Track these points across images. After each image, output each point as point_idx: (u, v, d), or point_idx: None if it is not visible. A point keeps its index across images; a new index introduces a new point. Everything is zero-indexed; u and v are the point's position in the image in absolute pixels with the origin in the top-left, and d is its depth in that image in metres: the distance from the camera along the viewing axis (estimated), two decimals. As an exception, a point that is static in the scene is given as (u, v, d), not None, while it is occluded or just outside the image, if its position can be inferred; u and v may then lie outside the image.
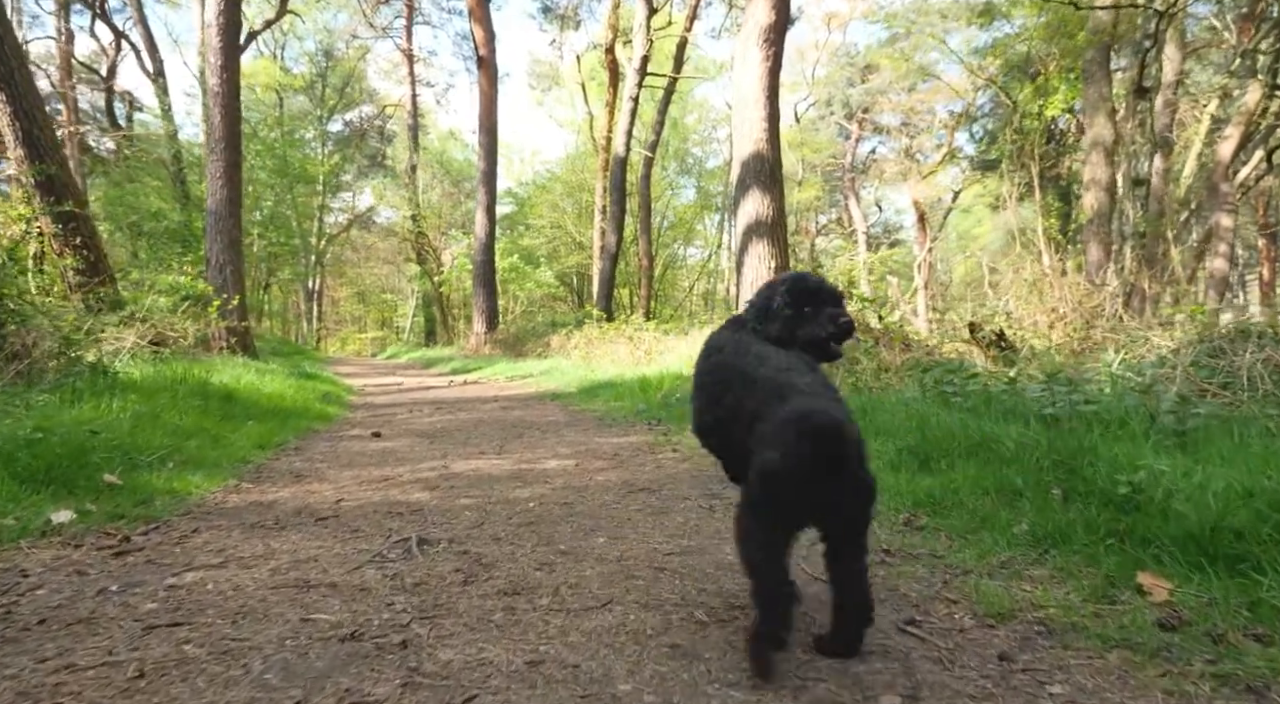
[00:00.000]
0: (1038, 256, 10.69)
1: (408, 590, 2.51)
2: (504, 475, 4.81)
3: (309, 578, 2.64)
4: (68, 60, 29.83)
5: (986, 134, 31.24)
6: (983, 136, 32.26)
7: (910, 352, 8.56)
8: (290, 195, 33.81)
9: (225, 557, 2.92)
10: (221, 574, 2.69)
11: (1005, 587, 2.53)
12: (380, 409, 9.12)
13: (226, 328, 14.50)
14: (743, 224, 13.68)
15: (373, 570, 2.73)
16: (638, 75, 24.53)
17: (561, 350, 17.09)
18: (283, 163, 32.63)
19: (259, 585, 2.57)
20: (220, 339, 14.43)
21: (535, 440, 6.41)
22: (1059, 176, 29.58)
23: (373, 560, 2.86)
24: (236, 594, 2.48)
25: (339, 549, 3.03)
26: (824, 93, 39.86)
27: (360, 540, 3.17)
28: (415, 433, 6.92)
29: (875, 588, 2.42)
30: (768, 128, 13.75)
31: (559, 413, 8.54)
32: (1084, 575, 2.59)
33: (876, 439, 4.76)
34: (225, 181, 14.98)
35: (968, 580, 2.61)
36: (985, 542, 3.02)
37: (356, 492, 4.30)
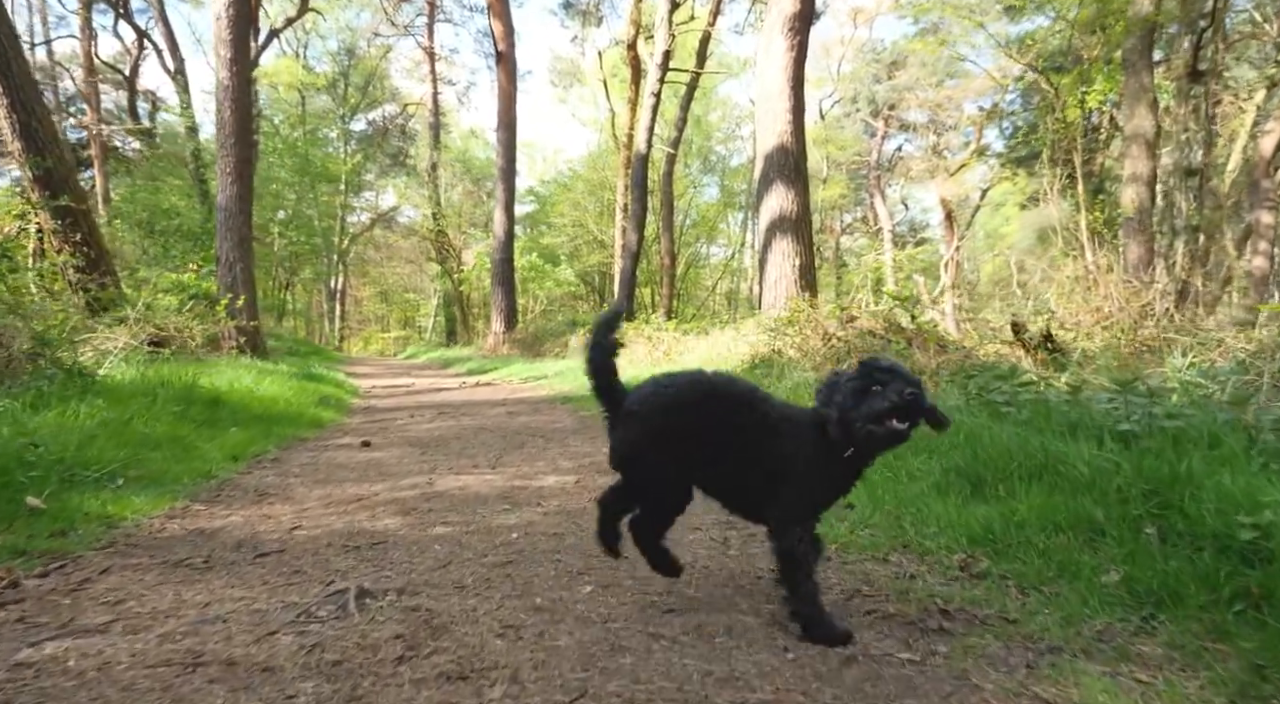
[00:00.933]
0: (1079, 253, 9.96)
1: (321, 672, 1.91)
2: (493, 495, 4.22)
3: (204, 650, 2.05)
4: (90, 59, 29.68)
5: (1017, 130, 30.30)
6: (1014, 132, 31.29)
7: (945, 354, 7.89)
8: (313, 194, 33.50)
9: (118, 613, 2.34)
10: (95, 643, 2.10)
11: (1113, 677, 1.88)
12: (381, 413, 8.57)
13: (236, 327, 14.05)
14: (766, 220, 13.03)
15: (289, 637, 2.13)
16: (660, 71, 23.89)
17: (579, 351, 16.48)
18: (304, 161, 32.31)
19: (134, 663, 1.97)
20: (230, 339, 13.99)
21: (536, 451, 5.81)
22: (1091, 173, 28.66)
23: (296, 620, 2.26)
24: (98, 679, 1.88)
25: (262, 602, 2.43)
26: (849, 89, 39.01)
27: (294, 589, 2.58)
28: (409, 441, 6.34)
29: (938, 677, 1.79)
30: (792, 120, 13.09)
31: (568, 418, 7.94)
32: (1213, 656, 1.95)
33: (917, 455, 4.12)
34: (235, 178, 14.54)
35: (1060, 664, 1.97)
36: (1068, 598, 2.38)
37: (319, 516, 3.72)
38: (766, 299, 12.70)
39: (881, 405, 2.19)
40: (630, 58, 27.13)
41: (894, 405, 2.18)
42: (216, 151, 14.89)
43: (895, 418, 2.19)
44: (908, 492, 3.64)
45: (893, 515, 3.42)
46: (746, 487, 2.45)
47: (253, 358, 13.12)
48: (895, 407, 2.18)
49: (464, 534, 3.36)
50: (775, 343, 9.81)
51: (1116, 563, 2.55)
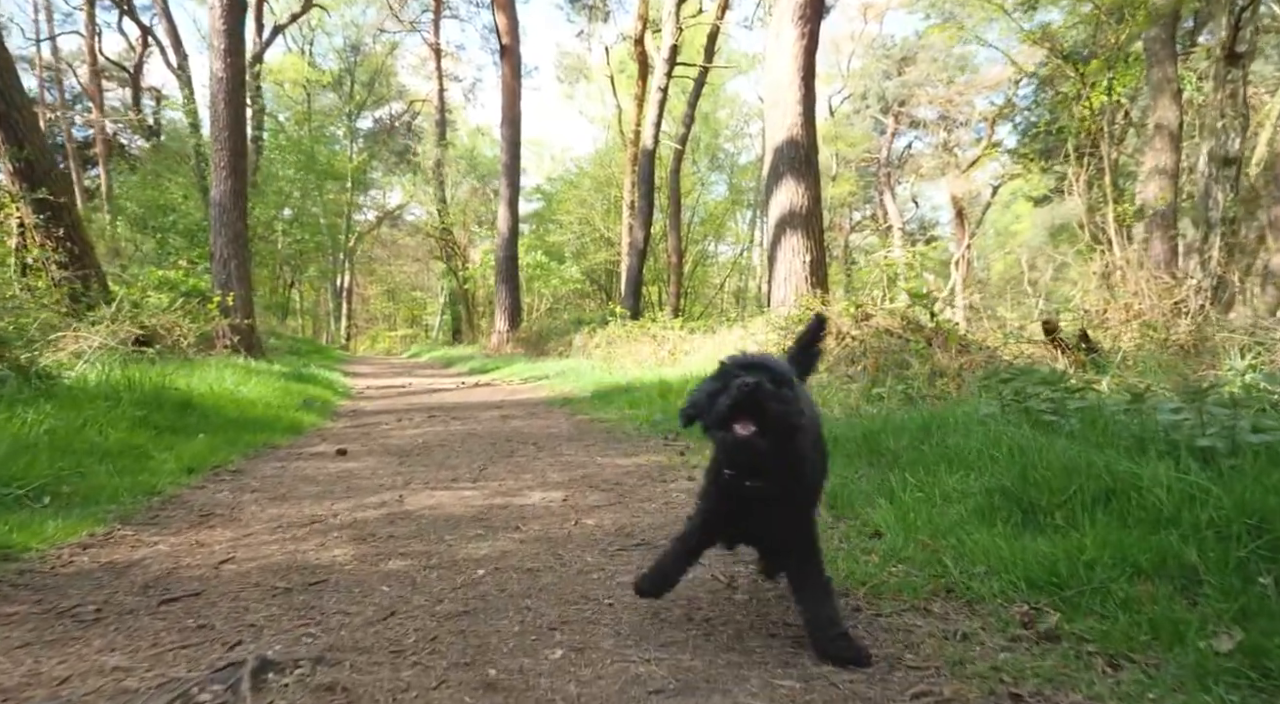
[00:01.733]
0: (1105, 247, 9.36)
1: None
2: (467, 516, 3.68)
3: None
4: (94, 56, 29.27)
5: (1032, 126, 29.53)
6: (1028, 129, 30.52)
7: (968, 354, 7.31)
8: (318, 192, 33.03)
9: (-58, 693, 1.80)
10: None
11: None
12: (367, 416, 8.05)
13: (230, 326, 13.59)
14: (775, 215, 12.47)
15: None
16: (667, 65, 23.38)
17: (583, 350, 15.96)
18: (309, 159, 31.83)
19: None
20: (224, 338, 13.53)
21: (525, 461, 5.27)
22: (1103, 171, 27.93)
23: (165, 711, 1.72)
24: None
25: (136, 678, 1.89)
26: (859, 86, 38.34)
27: (186, 654, 2.04)
28: (389, 449, 5.81)
29: None
30: (803, 112, 12.52)
31: (565, 422, 7.40)
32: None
33: (953, 472, 3.56)
34: (230, 172, 14.06)
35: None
36: (1174, 674, 1.82)
37: (260, 545, 3.18)
38: (776, 296, 12.16)
39: (721, 405, 1.90)
40: (638, 53, 26.62)
41: (732, 402, 1.86)
42: (211, 145, 14.40)
43: (738, 420, 1.87)
44: (944, 517, 3.09)
45: (929, 548, 2.87)
46: None
47: (246, 357, 12.66)
48: (734, 404, 1.86)
49: (422, 570, 2.82)
50: (785, 342, 9.25)
51: (1227, 623, 2.00)
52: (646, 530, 3.38)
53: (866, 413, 6.30)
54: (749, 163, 40.94)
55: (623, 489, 4.29)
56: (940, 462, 3.77)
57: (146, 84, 31.89)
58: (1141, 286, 8.40)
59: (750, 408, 1.86)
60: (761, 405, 1.85)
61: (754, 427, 1.86)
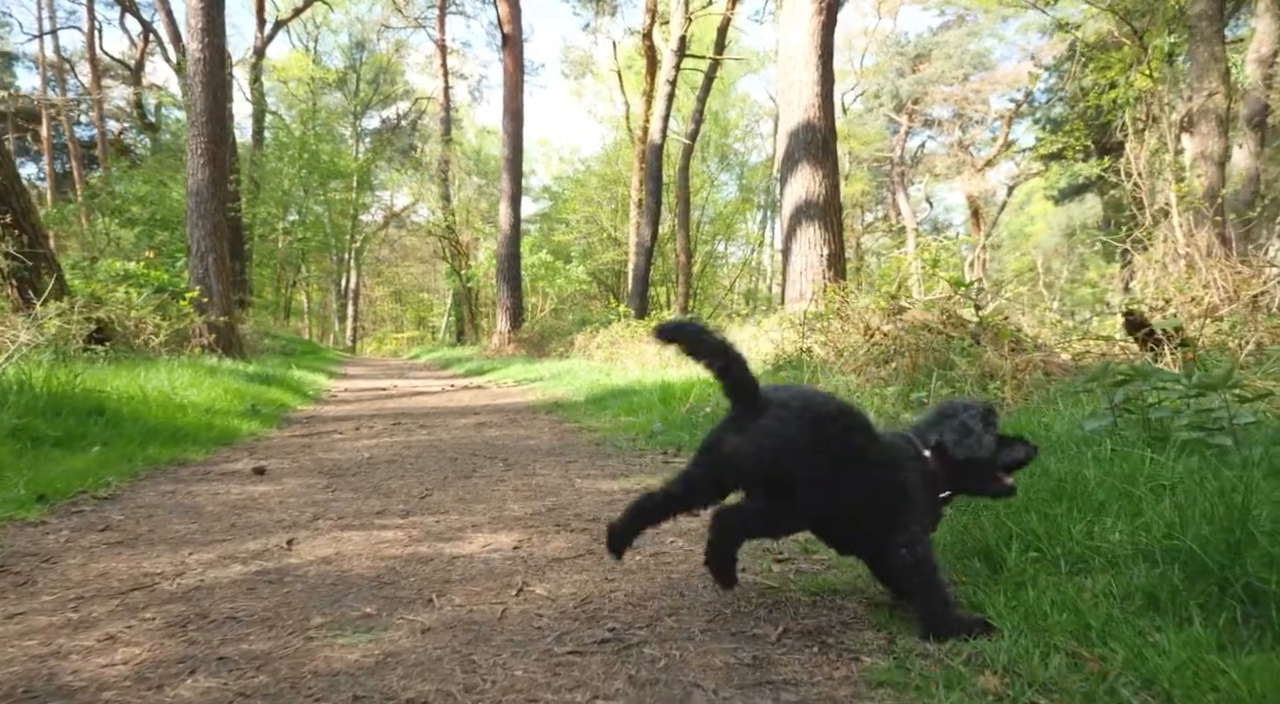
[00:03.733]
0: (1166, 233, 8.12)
1: None
2: (368, 578, 2.50)
3: None
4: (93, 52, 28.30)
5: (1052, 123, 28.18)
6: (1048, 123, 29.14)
7: (1023, 353, 6.10)
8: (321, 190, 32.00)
9: None
10: None
11: None
12: (323, 424, 6.88)
13: (207, 324, 12.51)
14: (790, 205, 11.28)
15: None
16: (675, 57, 22.21)
17: (584, 350, 14.81)
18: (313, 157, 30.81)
19: None
20: (199, 336, 12.45)
21: (484, 484, 4.10)
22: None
23: None
24: None
25: None
26: (872, 83, 37.05)
27: None
28: (321, 468, 4.64)
29: None
30: (820, 92, 11.33)
31: (548, 432, 6.22)
32: None
33: (1076, 518, 2.36)
34: (208, 160, 12.98)
35: None
36: None
37: (14, 636, 2.02)
38: (790, 292, 10.99)
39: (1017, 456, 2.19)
40: (645, 48, 25.54)
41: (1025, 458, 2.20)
42: (187, 131, 13.32)
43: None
44: (1094, 610, 1.88)
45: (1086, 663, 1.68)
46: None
47: (222, 357, 11.61)
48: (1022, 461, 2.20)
49: (234, 699, 1.64)
50: (804, 341, 8.06)
51: None
52: (622, 609, 2.20)
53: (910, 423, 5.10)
54: (759, 163, 39.77)
55: (599, 530, 3.10)
56: (1052, 500, 2.58)
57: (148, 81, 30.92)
58: (1214, 277, 7.17)
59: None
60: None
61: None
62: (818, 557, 2.71)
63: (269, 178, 27.16)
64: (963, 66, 34.35)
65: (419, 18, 32.27)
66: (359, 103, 35.35)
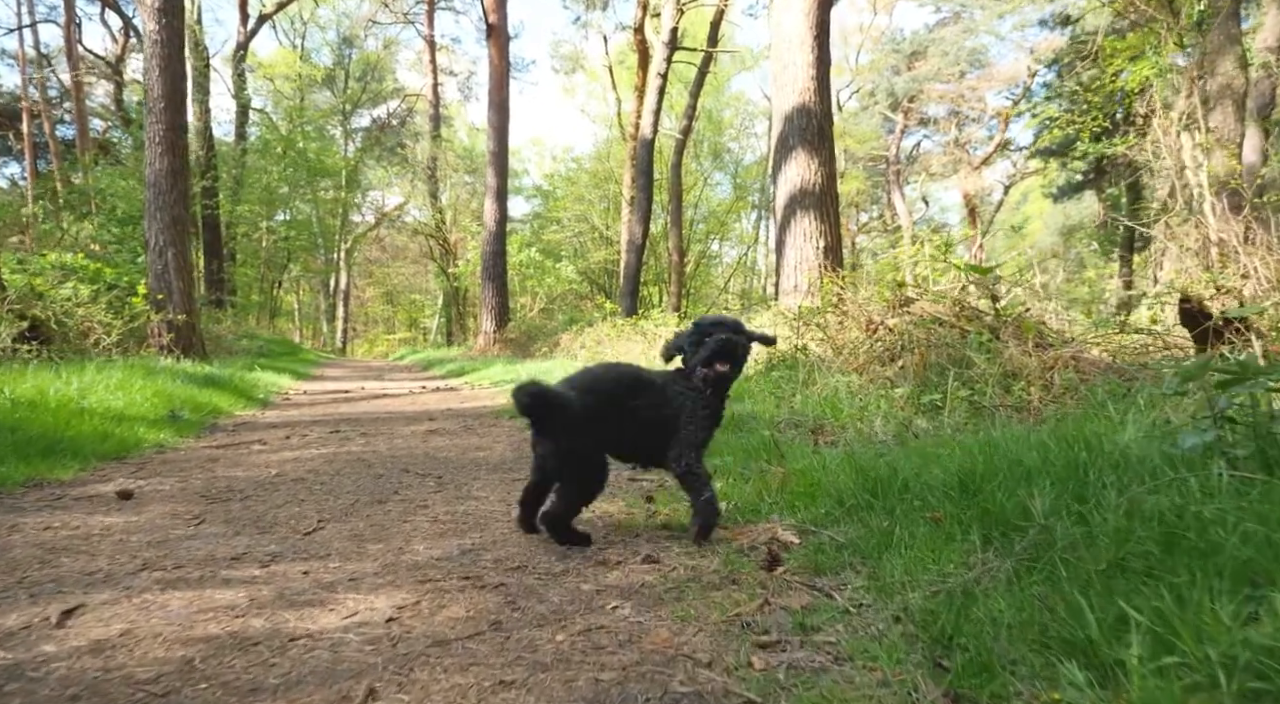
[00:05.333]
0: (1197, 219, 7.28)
1: None
2: (128, 692, 1.62)
3: None
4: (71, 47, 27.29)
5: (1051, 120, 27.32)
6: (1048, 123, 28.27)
7: (1051, 349, 5.23)
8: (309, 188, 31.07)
9: None
10: None
11: None
12: (254, 431, 5.97)
13: (165, 322, 11.64)
14: (784, 194, 10.41)
15: None
16: (667, 49, 21.35)
17: (568, 351, 13.95)
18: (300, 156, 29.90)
19: None
20: (157, 336, 11.57)
21: (399, 513, 3.22)
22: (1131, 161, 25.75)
23: None
24: None
25: None
26: (868, 81, 36.18)
27: None
28: (211, 490, 3.75)
29: None
30: (816, 74, 10.46)
31: (505, 441, 5.33)
32: None
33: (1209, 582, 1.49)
34: (166, 148, 12.08)
35: None
36: None
37: None
38: (784, 286, 10.14)
39: (708, 350, 2.76)
40: (637, 42, 24.71)
41: (716, 349, 2.74)
42: (144, 118, 12.42)
43: (719, 361, 2.75)
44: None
45: None
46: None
47: (180, 358, 10.75)
48: (716, 351, 2.74)
49: None
50: (799, 338, 7.18)
51: None
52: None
53: (926, 431, 4.24)
54: (753, 162, 38.93)
55: (524, 586, 2.23)
56: (1165, 557, 1.71)
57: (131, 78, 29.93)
58: (1253, 266, 6.32)
59: (728, 354, 2.76)
60: (735, 352, 2.78)
61: (729, 366, 2.77)
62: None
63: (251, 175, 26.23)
64: (959, 63, 33.52)
65: (407, 13, 31.36)
66: (347, 100, 34.39)
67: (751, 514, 2.97)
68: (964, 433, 4.15)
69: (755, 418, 4.91)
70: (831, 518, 2.68)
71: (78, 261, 9.89)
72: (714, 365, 2.72)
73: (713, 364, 2.72)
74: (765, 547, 2.53)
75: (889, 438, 4.26)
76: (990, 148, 33.63)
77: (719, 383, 2.77)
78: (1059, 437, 2.94)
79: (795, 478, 3.26)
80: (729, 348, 2.72)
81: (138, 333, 11.33)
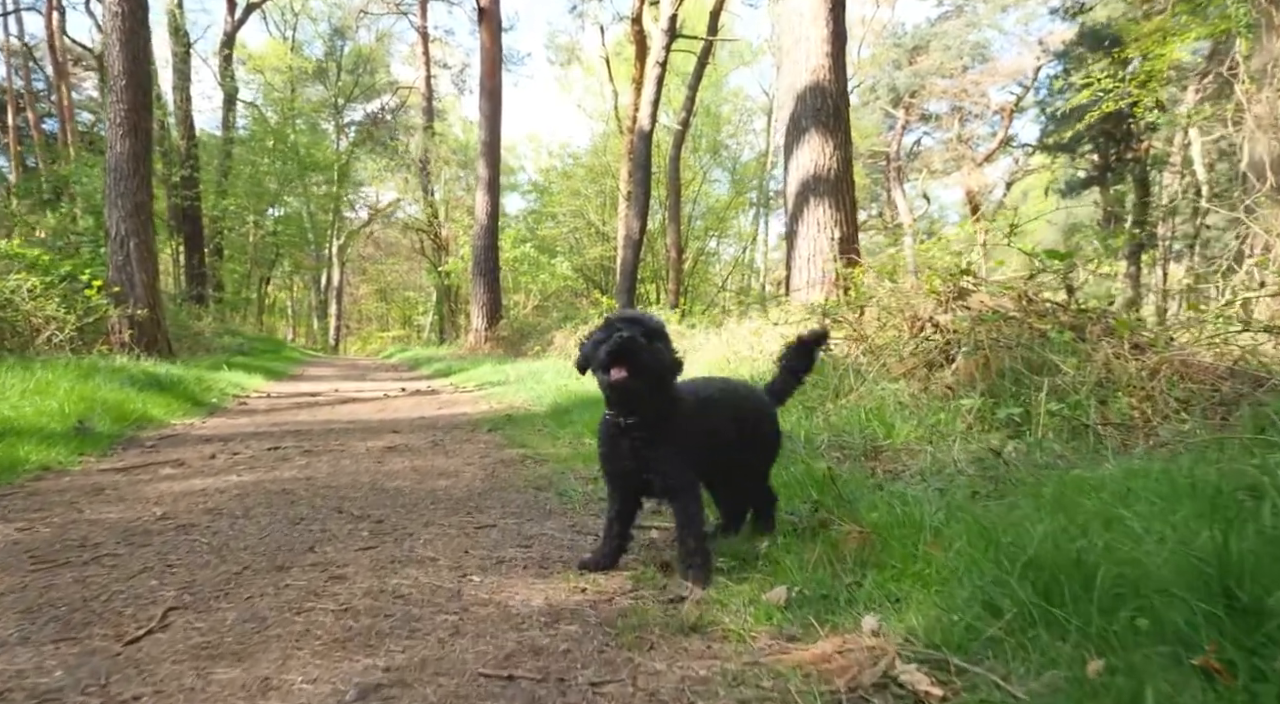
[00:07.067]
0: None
1: None
2: None
3: None
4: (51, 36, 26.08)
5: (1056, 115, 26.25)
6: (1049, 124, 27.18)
7: (1150, 352, 4.16)
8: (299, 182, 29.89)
9: None
10: None
11: None
12: (178, 448, 4.86)
13: (126, 317, 10.59)
14: (796, 181, 9.34)
15: None
16: (666, 37, 20.20)
17: (561, 349, 12.88)
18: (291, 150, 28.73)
19: None
20: (116, 332, 10.53)
21: (300, 590, 2.14)
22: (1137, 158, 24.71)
23: None
24: None
25: None
26: (869, 77, 35.03)
27: None
28: (57, 544, 2.67)
29: None
30: (830, 51, 9.39)
31: (479, 462, 4.25)
32: None
33: None
34: (129, 130, 11.00)
35: None
36: None
37: None
38: (796, 280, 9.08)
39: (601, 353, 2.13)
40: (635, 32, 23.66)
41: (610, 350, 2.09)
42: (105, 98, 11.32)
43: (615, 366, 2.10)
44: None
45: None
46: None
47: (141, 356, 9.72)
48: (611, 352, 2.09)
49: None
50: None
51: None
52: None
53: (1019, 459, 3.17)
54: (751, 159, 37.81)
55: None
56: None
57: (116, 68, 28.70)
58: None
59: (625, 356, 2.07)
60: (635, 354, 2.07)
61: (626, 372, 2.08)
62: None
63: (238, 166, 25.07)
64: (962, 58, 32.46)
65: (400, 3, 30.16)
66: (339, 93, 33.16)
67: (828, 609, 1.90)
68: (1075, 461, 3.10)
69: (790, 437, 3.84)
70: (976, 635, 1.59)
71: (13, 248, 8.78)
72: (609, 371, 2.11)
73: (607, 370, 2.11)
74: (878, 696, 1.45)
75: (970, 467, 3.19)
76: (994, 144, 32.57)
77: (619, 393, 2.16)
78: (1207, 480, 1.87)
79: (878, 540, 2.20)
80: (625, 348, 2.07)
81: (100, 328, 10.32)
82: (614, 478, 2.33)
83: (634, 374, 2.10)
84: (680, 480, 2.23)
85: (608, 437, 2.29)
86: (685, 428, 2.27)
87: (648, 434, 2.21)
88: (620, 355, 2.08)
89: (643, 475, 2.24)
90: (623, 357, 2.08)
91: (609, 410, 2.26)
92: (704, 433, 2.35)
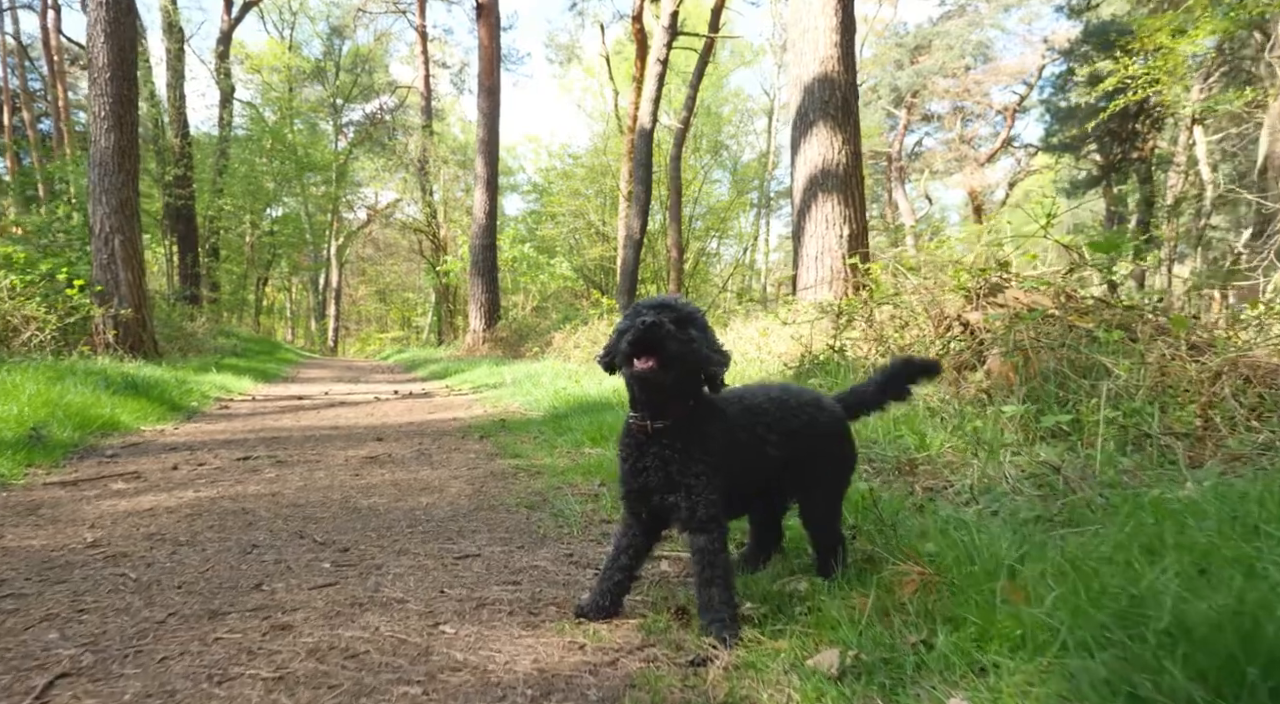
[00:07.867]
0: None
1: None
2: None
3: None
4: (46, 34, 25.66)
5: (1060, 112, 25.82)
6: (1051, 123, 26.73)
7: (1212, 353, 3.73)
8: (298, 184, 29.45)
9: None
10: None
11: None
12: (138, 459, 4.43)
13: (110, 317, 10.19)
14: (803, 176, 8.91)
15: None
16: (667, 34, 19.81)
17: (561, 351, 12.45)
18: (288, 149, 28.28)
19: None
20: (100, 332, 10.13)
21: (224, 659, 1.71)
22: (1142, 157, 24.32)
23: None
24: None
25: None
26: (871, 76, 34.59)
27: None
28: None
29: None
30: (840, 42, 8.97)
31: (467, 475, 3.82)
32: None
33: None
34: (113, 124, 10.61)
35: None
36: None
37: None
38: (804, 279, 8.66)
39: (624, 343, 1.80)
40: (635, 31, 23.27)
41: (634, 339, 1.77)
42: (89, 92, 10.91)
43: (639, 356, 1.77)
44: None
45: None
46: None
47: (125, 357, 9.35)
48: (635, 341, 1.77)
49: None
50: (840, 336, 5.68)
51: None
52: None
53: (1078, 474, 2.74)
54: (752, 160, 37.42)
55: None
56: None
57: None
58: None
59: (650, 344, 1.76)
60: (661, 342, 1.76)
61: (653, 362, 1.75)
62: None
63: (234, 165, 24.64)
64: (964, 57, 32.05)
65: (398, 2, 29.71)
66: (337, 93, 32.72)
67: (894, 681, 1.47)
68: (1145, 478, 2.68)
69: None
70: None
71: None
72: (632, 362, 1.79)
73: (631, 361, 1.79)
74: None
75: (1028, 489, 2.76)
76: (996, 143, 32.16)
77: (646, 389, 1.85)
78: None
79: (943, 584, 1.77)
80: (651, 334, 1.75)
81: (85, 329, 9.94)
82: (634, 499, 1.94)
83: (663, 365, 1.77)
84: (711, 511, 1.84)
85: (632, 445, 1.92)
86: (724, 441, 1.91)
87: (682, 444, 1.85)
88: (645, 343, 1.77)
89: (668, 497, 1.86)
90: (648, 345, 1.77)
91: (633, 413, 1.92)
92: (745, 448, 1.98)
